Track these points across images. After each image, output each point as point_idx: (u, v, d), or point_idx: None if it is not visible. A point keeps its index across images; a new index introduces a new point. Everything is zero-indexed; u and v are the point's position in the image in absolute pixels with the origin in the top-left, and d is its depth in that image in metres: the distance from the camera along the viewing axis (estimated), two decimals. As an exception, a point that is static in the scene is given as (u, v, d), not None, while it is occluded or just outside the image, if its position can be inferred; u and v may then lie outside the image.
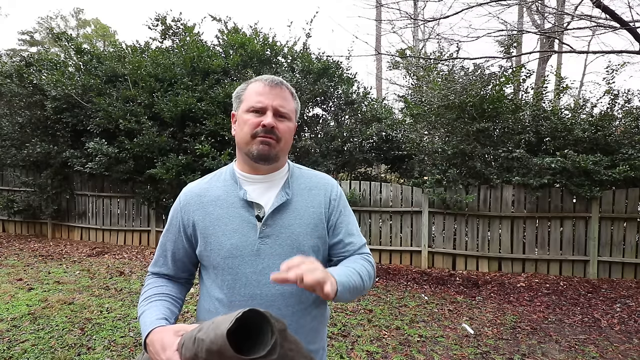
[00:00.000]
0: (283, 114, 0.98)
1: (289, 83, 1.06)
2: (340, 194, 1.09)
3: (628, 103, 5.42)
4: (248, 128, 0.96)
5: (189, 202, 1.02)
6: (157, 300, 0.96)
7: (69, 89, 6.15)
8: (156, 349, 0.78)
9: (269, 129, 0.94)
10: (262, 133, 0.95)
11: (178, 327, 0.80)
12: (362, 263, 0.99)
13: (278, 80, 1.00)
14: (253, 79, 1.03)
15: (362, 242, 1.07)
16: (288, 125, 1.00)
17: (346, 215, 1.07)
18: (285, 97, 1.00)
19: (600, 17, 4.26)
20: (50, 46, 21.28)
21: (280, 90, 0.99)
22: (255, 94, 0.98)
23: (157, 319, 0.88)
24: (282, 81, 1.00)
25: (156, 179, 6.01)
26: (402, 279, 5.02)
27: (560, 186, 5.12)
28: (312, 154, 6.38)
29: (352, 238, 1.05)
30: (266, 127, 0.94)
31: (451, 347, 3.06)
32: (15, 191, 7.41)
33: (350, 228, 1.06)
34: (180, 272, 1.06)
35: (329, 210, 1.04)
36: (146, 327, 0.86)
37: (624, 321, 3.65)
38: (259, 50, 6.39)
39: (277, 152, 0.98)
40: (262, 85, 0.98)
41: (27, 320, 3.36)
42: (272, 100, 0.97)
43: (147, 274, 1.08)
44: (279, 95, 0.98)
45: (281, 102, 0.98)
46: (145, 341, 0.84)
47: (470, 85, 5.18)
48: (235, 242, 0.95)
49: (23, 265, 5.24)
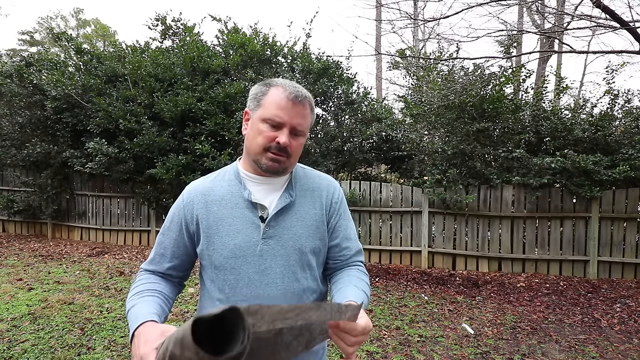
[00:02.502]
0: (299, 132, 0.97)
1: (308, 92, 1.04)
2: (341, 198, 1.10)
3: (628, 103, 5.42)
4: (262, 140, 0.94)
5: (192, 200, 1.01)
6: (150, 296, 0.93)
7: (69, 89, 6.15)
8: (139, 341, 0.75)
9: (283, 148, 0.94)
10: (275, 150, 0.94)
11: (166, 327, 0.77)
12: (364, 279, 1.02)
13: (302, 96, 0.95)
14: (274, 83, 0.98)
15: (358, 248, 1.09)
16: (301, 142, 0.99)
17: (345, 220, 1.08)
18: (305, 115, 0.97)
19: (600, 17, 4.26)
20: (50, 46, 21.28)
21: (302, 109, 0.96)
22: (275, 106, 0.94)
23: (150, 313, 0.85)
24: (305, 96, 0.97)
25: (156, 179, 6.02)
26: (402, 279, 5.03)
27: (560, 186, 5.13)
28: (312, 154, 6.39)
29: (349, 243, 1.06)
30: (281, 145, 0.93)
31: (451, 347, 3.06)
32: (15, 191, 7.42)
33: (348, 233, 1.07)
34: (176, 271, 1.05)
35: (330, 213, 1.05)
36: (138, 319, 0.82)
37: (624, 321, 3.65)
38: (259, 50, 6.39)
39: (286, 167, 0.98)
40: (284, 99, 0.94)
41: (27, 320, 3.36)
42: (291, 118, 0.94)
43: (140, 270, 1.04)
44: (299, 113, 0.95)
45: (300, 121, 0.95)
46: (133, 333, 0.80)
47: (470, 85, 5.18)
48: (238, 242, 0.95)
49: (23, 265, 5.24)
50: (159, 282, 1.00)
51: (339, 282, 1.00)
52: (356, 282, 0.98)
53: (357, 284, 0.97)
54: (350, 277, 1.00)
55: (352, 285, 0.96)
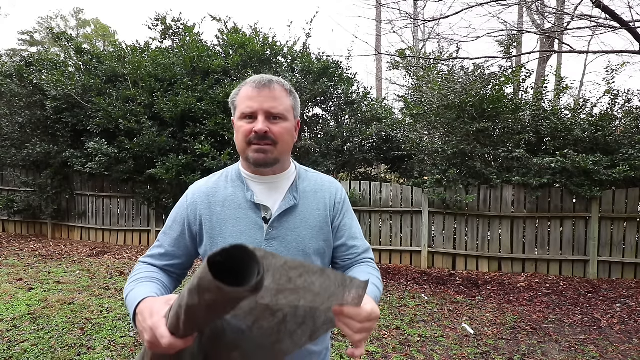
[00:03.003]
0: (276, 115, 0.95)
1: (288, 82, 1.03)
2: (344, 198, 1.10)
3: (628, 103, 5.42)
4: (242, 135, 0.95)
5: (196, 200, 1.01)
6: (148, 282, 0.91)
7: (69, 89, 6.15)
8: (144, 315, 0.73)
9: (262, 135, 0.93)
10: (256, 140, 0.94)
11: (169, 296, 0.76)
12: (375, 274, 1.01)
13: (266, 80, 0.95)
14: (244, 82, 0.99)
15: (366, 247, 1.08)
16: (284, 126, 0.96)
17: (349, 219, 1.08)
18: (275, 96, 0.95)
19: (600, 17, 4.26)
20: (50, 46, 21.28)
21: (270, 91, 0.95)
22: (245, 99, 0.95)
23: (151, 292, 0.83)
24: (272, 79, 0.96)
25: (156, 179, 6.01)
26: (402, 279, 5.03)
27: (560, 186, 5.12)
28: (312, 154, 6.39)
29: (356, 242, 1.06)
30: (258, 133, 0.92)
31: (451, 347, 3.06)
32: (15, 191, 7.42)
33: (353, 232, 1.07)
34: (174, 269, 1.04)
35: (333, 213, 1.05)
36: (136, 299, 0.80)
37: (624, 321, 3.65)
38: (259, 50, 6.39)
39: (275, 156, 0.97)
40: (250, 89, 0.95)
41: (27, 320, 3.36)
42: (261, 104, 0.93)
43: (139, 262, 1.03)
44: (268, 96, 0.94)
45: (272, 104, 0.94)
46: (135, 312, 0.78)
47: (470, 85, 5.19)
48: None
49: (23, 265, 5.24)
50: (157, 272, 0.99)
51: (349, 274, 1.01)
52: (368, 271, 0.99)
53: (368, 272, 0.99)
54: (360, 270, 1.01)
55: (362, 272, 0.98)
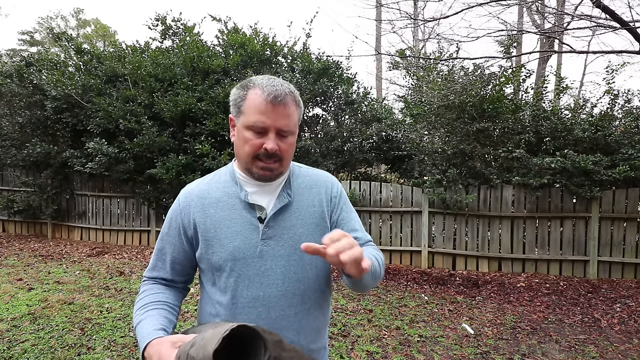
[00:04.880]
0: (287, 132, 0.92)
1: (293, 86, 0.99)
2: (340, 191, 1.08)
3: (628, 103, 5.42)
4: (249, 149, 0.91)
5: (189, 204, 0.99)
6: (154, 309, 0.92)
7: (69, 89, 6.15)
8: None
9: (272, 154, 0.90)
10: (264, 158, 0.91)
11: (176, 337, 0.78)
12: (375, 253, 0.99)
13: (282, 95, 0.89)
14: (251, 84, 0.93)
15: (367, 238, 1.06)
16: (291, 142, 0.94)
17: (348, 212, 1.06)
18: (289, 114, 0.91)
19: (600, 17, 4.26)
20: (50, 46, 21.27)
21: (285, 108, 0.90)
22: (256, 112, 0.89)
23: (155, 330, 0.84)
24: (287, 93, 0.91)
25: (156, 179, 6.02)
26: (402, 279, 5.03)
27: (560, 186, 5.12)
28: (312, 154, 6.39)
29: (356, 234, 1.03)
30: (268, 151, 0.90)
31: (451, 347, 3.06)
32: (15, 191, 7.41)
33: (353, 224, 1.05)
34: (179, 276, 1.03)
35: (330, 208, 1.03)
36: (144, 338, 0.83)
37: (624, 321, 3.65)
38: (259, 50, 6.39)
39: (280, 171, 0.96)
40: (264, 102, 0.88)
41: (27, 320, 3.36)
42: (275, 121, 0.89)
43: (143, 279, 1.03)
44: (283, 114, 0.90)
45: (285, 122, 0.90)
46: (143, 354, 0.81)
47: (470, 85, 5.18)
48: (237, 244, 0.94)
49: (23, 265, 5.24)
50: (162, 291, 0.99)
51: None
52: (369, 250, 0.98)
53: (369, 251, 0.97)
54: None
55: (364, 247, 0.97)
